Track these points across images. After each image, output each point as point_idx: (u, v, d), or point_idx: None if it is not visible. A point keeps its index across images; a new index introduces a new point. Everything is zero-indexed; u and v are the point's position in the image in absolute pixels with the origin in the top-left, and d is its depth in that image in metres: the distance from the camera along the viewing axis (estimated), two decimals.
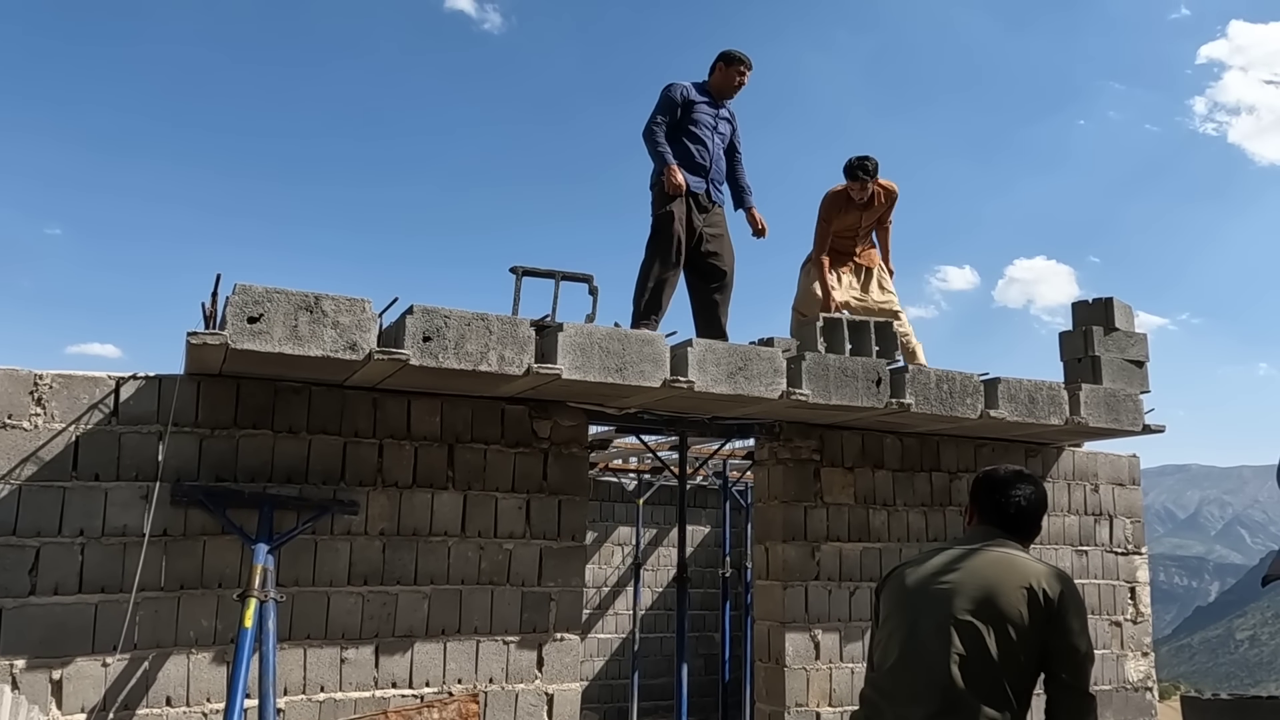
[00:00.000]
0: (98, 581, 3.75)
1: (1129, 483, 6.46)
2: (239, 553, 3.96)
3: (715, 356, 4.33)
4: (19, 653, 3.60)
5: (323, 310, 3.65)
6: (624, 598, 9.94)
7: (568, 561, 4.62)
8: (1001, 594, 2.42)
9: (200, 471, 3.97)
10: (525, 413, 4.62)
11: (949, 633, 2.41)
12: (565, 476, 4.68)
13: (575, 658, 4.57)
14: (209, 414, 4.03)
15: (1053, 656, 2.42)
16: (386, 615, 4.21)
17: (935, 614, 2.46)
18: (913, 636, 2.49)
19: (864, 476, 5.47)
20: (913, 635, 2.49)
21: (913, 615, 2.52)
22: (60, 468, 3.76)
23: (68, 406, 3.81)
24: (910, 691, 2.44)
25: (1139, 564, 6.39)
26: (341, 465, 4.23)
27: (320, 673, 4.07)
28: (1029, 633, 2.39)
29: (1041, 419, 5.23)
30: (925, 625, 2.47)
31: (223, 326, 3.54)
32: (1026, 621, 2.39)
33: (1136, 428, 5.64)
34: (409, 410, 4.39)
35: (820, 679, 5.15)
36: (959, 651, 2.39)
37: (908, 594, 2.56)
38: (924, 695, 2.41)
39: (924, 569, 2.58)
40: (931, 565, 2.57)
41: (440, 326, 3.81)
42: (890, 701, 2.50)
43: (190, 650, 3.86)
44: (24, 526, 3.68)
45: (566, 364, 3.98)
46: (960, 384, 5.01)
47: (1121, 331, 6.13)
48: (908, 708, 2.43)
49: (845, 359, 4.69)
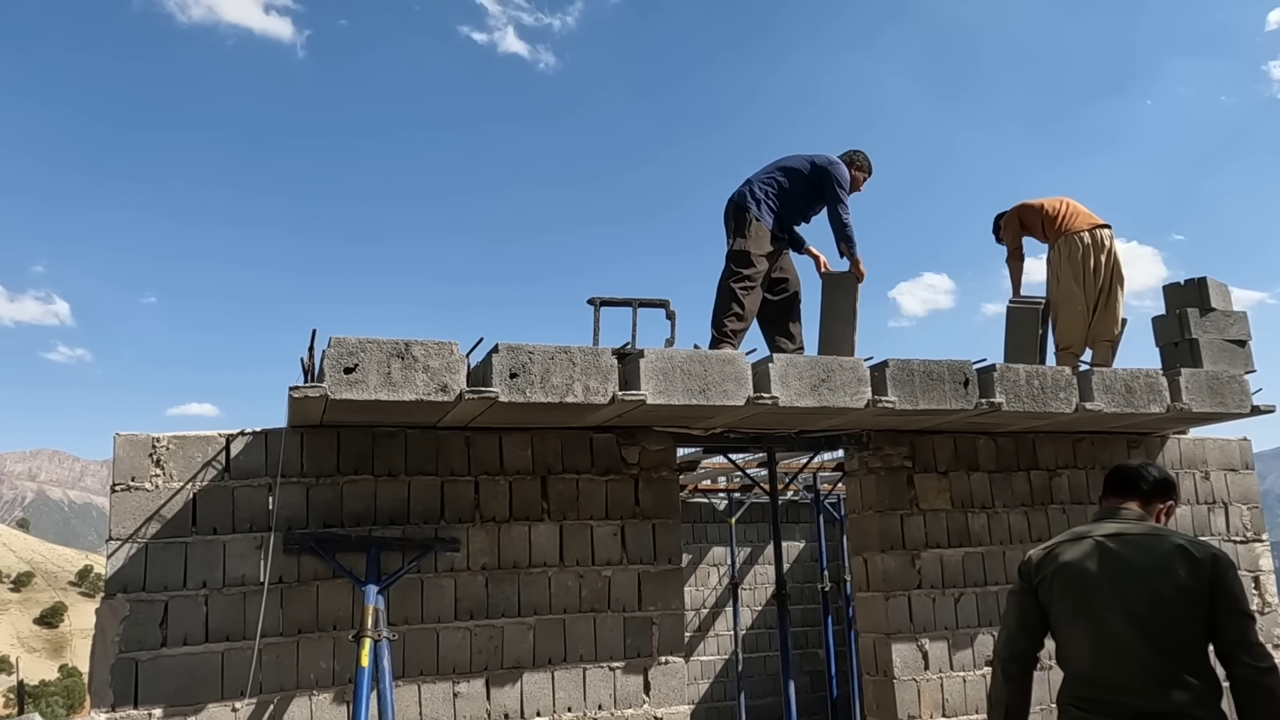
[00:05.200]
0: (222, 630, 3.93)
1: (1242, 467, 6.19)
2: (350, 595, 4.10)
3: (797, 370, 4.34)
4: (155, 703, 3.79)
5: (413, 356, 3.79)
6: (723, 618, 9.90)
7: (666, 585, 4.66)
8: (1165, 567, 2.53)
9: (309, 519, 4.14)
10: (613, 440, 4.69)
11: (1136, 615, 2.51)
12: (657, 500, 4.73)
13: (681, 681, 4.59)
14: (313, 463, 4.20)
15: (1221, 619, 2.51)
16: (494, 648, 4.31)
17: (1115, 600, 2.56)
18: (1100, 629, 2.57)
19: (959, 480, 5.37)
20: (1100, 627, 2.57)
21: (1090, 607, 2.60)
22: (181, 524, 3.97)
23: (184, 466, 4.02)
24: (1121, 683, 2.52)
25: (1261, 551, 6.10)
26: (440, 504, 4.36)
27: (435, 707, 4.17)
28: (1197, 599, 2.50)
29: (1140, 408, 5.06)
30: (1110, 615, 2.55)
31: (321, 379, 3.70)
32: (1193, 588, 2.49)
33: (1244, 409, 5.41)
34: (501, 446, 4.50)
35: (931, 689, 5.06)
36: (1152, 632, 2.49)
37: (1076, 585, 2.64)
38: (1136, 684, 2.50)
39: (1077, 561, 2.67)
40: (1086, 558, 2.66)
41: (525, 362, 3.91)
42: (1105, 696, 2.56)
43: (312, 692, 4.01)
44: (152, 582, 3.89)
45: (650, 389, 4.03)
46: (1051, 379, 4.89)
47: (1219, 311, 5.92)
48: (1127, 699, 2.51)
49: (930, 362, 4.64)
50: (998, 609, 5.30)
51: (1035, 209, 5.93)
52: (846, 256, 5.43)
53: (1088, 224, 5.72)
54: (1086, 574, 2.63)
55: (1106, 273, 5.65)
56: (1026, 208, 5.98)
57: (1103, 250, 5.67)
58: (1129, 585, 2.55)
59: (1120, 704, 2.52)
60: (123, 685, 3.76)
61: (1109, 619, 2.56)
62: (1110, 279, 5.66)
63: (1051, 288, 5.79)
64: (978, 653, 5.20)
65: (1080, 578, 2.64)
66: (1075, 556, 2.68)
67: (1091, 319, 5.67)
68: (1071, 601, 2.65)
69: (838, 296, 5.45)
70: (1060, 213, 5.79)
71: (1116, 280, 5.68)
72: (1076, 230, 5.69)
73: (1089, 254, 5.64)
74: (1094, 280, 5.64)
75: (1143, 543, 2.62)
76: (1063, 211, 5.80)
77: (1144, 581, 2.54)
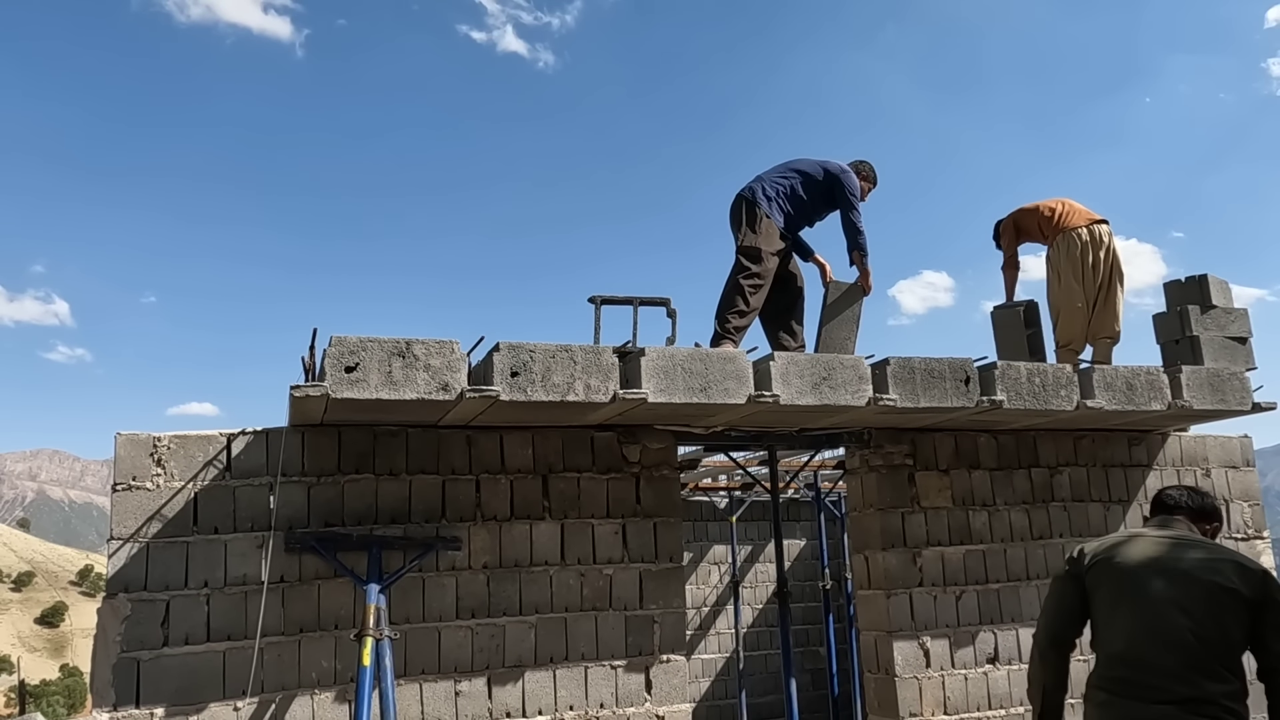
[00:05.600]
0: (224, 630, 3.93)
1: (1243, 465, 6.19)
2: (352, 594, 4.10)
3: (798, 369, 4.33)
4: (157, 702, 3.79)
5: (414, 355, 3.79)
6: (724, 617, 9.90)
7: (667, 583, 4.66)
8: (1218, 570, 2.65)
9: (310, 518, 4.14)
10: (614, 439, 4.69)
11: (1186, 608, 2.61)
12: (658, 499, 4.73)
13: (683, 679, 4.59)
14: (314, 463, 4.20)
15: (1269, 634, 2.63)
16: (495, 646, 4.31)
17: (1167, 590, 2.66)
18: (1148, 614, 2.67)
19: (960, 478, 5.37)
20: (1147, 613, 2.67)
21: (1139, 593, 2.70)
22: (182, 523, 3.97)
23: (185, 465, 4.02)
24: (1161, 666, 2.61)
25: (1262, 549, 6.10)
26: (442, 503, 4.36)
27: (436, 706, 4.18)
28: (1245, 605, 2.62)
29: (1142, 405, 5.06)
30: (1160, 603, 2.65)
31: (322, 378, 3.69)
32: (1243, 595, 2.61)
33: (1245, 407, 5.41)
34: (502, 445, 4.50)
35: (933, 687, 5.06)
36: (1199, 624, 2.59)
37: (1127, 573, 2.75)
38: (1176, 668, 2.59)
39: (1130, 553, 2.79)
40: (1139, 549, 2.80)
41: (526, 361, 3.91)
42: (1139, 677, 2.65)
43: (313, 691, 4.01)
44: (153, 581, 3.88)
45: (651, 387, 4.03)
46: (1053, 377, 4.89)
47: (1220, 308, 5.91)
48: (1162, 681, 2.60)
49: (931, 360, 4.64)
50: (999, 606, 5.30)
51: (1031, 211, 5.94)
52: (857, 266, 5.38)
53: (1086, 220, 5.73)
54: (1140, 564, 2.75)
55: (1106, 269, 5.66)
56: (1023, 211, 6.00)
57: (1101, 246, 5.67)
58: (1181, 578, 2.66)
59: (1154, 686, 2.61)
60: (124, 685, 3.76)
61: (1159, 606, 2.65)
62: (1110, 275, 5.67)
63: (1052, 285, 5.80)
64: (979, 650, 5.20)
65: (1132, 567, 2.75)
66: (1129, 549, 2.81)
67: (1091, 315, 5.67)
68: (1118, 587, 2.76)
69: (841, 303, 5.44)
70: (1057, 211, 5.81)
71: (1116, 276, 5.68)
72: (1075, 227, 5.70)
73: (1087, 250, 5.65)
74: (1093, 276, 5.64)
75: (1199, 544, 2.78)
76: (1060, 210, 5.81)
77: (1196, 578, 2.65)
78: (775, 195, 5.31)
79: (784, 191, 5.33)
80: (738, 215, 5.35)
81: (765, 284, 5.17)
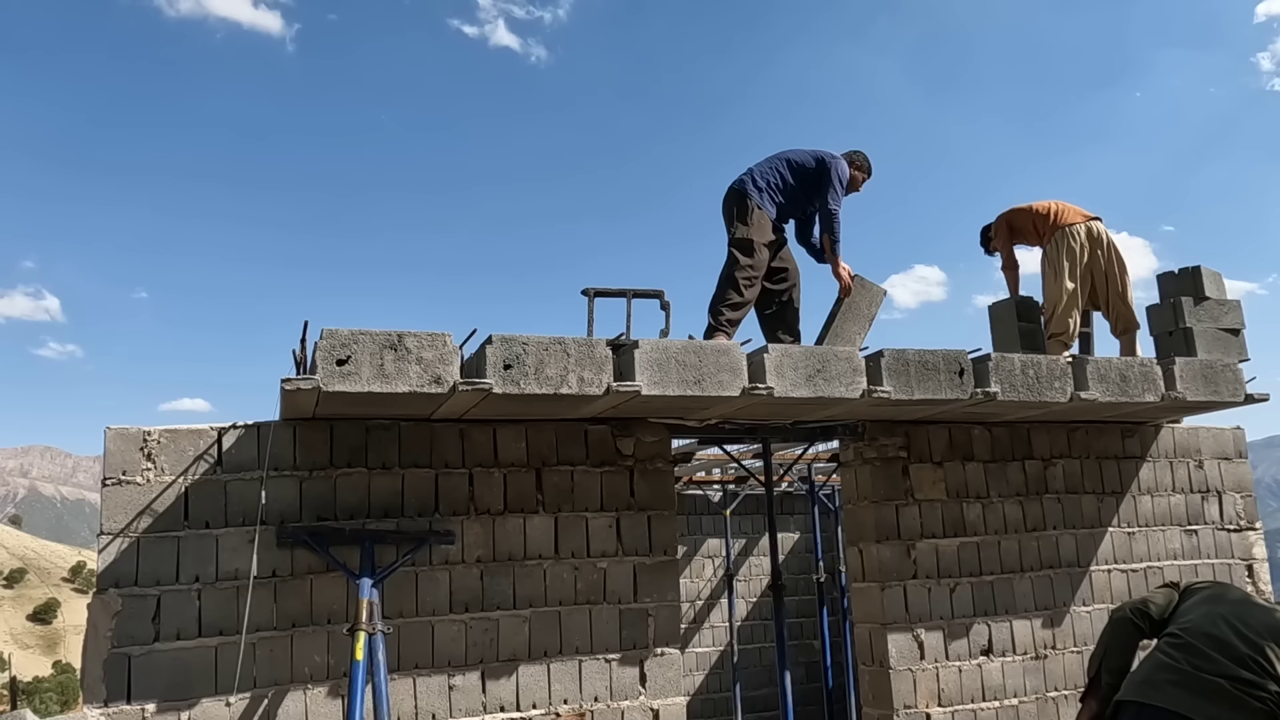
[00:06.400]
0: (216, 625, 3.91)
1: (1235, 456, 6.21)
2: (345, 589, 4.08)
3: (792, 361, 4.32)
4: (148, 698, 3.77)
5: (406, 347, 3.76)
6: (718, 610, 9.91)
7: (662, 576, 4.64)
8: None
9: (302, 512, 4.12)
10: (608, 432, 4.67)
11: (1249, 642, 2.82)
12: (652, 492, 4.71)
13: (677, 672, 4.58)
14: (306, 456, 4.17)
15: None
16: (489, 641, 4.29)
17: (1239, 625, 2.88)
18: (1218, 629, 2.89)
19: (954, 471, 5.37)
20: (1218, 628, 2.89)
21: (1220, 617, 2.93)
22: (173, 518, 3.94)
23: (175, 459, 3.99)
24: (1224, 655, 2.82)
25: (1254, 540, 6.12)
26: (435, 497, 4.34)
27: (430, 700, 4.16)
28: None
29: (1135, 397, 5.07)
30: (1234, 625, 2.88)
31: (313, 371, 3.67)
32: None
33: (1238, 398, 5.42)
34: (495, 438, 4.48)
35: (927, 679, 5.06)
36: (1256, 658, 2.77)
37: (1216, 606, 3.01)
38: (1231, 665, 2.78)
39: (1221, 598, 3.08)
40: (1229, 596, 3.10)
41: (519, 353, 3.89)
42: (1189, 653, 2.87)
43: (306, 686, 3.99)
44: (144, 576, 3.86)
45: (645, 380, 4.01)
46: (1047, 368, 4.89)
47: (1213, 300, 5.93)
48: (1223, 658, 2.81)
49: (925, 352, 4.63)
50: (993, 598, 5.31)
51: (1024, 211, 5.99)
52: (827, 251, 5.38)
53: (1082, 218, 5.79)
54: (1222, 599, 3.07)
55: (1110, 265, 5.75)
56: (1015, 212, 6.04)
57: (1100, 244, 5.75)
58: (1257, 614, 2.92)
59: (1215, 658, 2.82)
60: (115, 680, 3.74)
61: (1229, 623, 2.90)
62: (1117, 271, 5.76)
63: (1048, 279, 5.81)
64: (973, 643, 5.21)
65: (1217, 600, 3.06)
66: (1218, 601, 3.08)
67: (1110, 312, 5.80)
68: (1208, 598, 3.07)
69: (860, 301, 5.42)
70: (1051, 210, 5.88)
71: (1122, 270, 5.77)
72: (1072, 223, 5.75)
73: (1085, 248, 5.73)
74: (1099, 269, 5.73)
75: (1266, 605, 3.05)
76: (1053, 209, 5.88)
77: (1268, 615, 2.91)
78: (766, 186, 5.29)
79: (775, 182, 5.31)
80: (729, 208, 5.33)
81: (758, 275, 5.16)
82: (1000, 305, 6.09)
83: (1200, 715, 2.72)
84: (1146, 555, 5.77)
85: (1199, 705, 2.74)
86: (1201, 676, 2.79)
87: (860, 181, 5.63)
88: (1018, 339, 5.82)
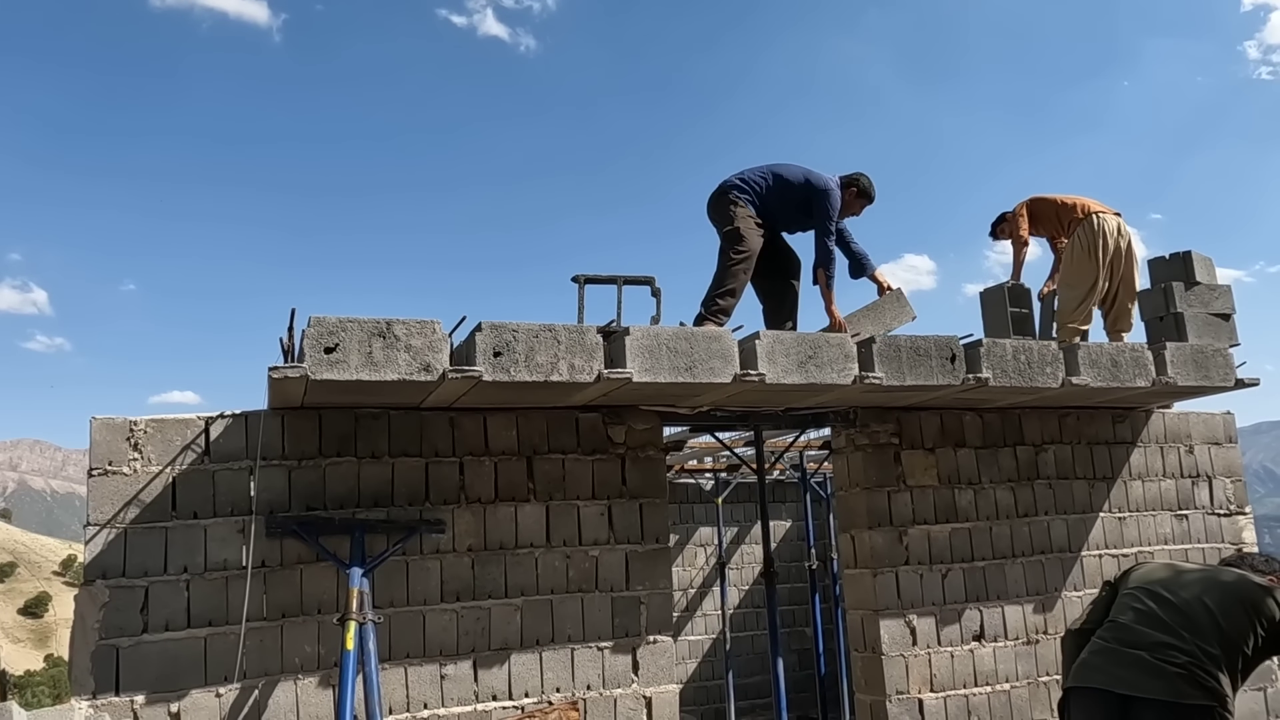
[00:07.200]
0: (205, 616, 3.88)
1: (1225, 441, 6.22)
2: (335, 578, 4.06)
3: (784, 347, 4.30)
4: (138, 689, 3.74)
5: (395, 335, 3.73)
6: (711, 598, 9.92)
7: (654, 564, 4.63)
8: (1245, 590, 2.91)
9: (291, 502, 4.09)
10: (599, 420, 4.65)
11: (1174, 609, 2.91)
12: (644, 480, 4.70)
13: (670, 660, 4.57)
14: (295, 446, 4.14)
15: None
16: (481, 630, 4.28)
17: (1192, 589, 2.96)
18: (1142, 603, 2.99)
19: (946, 457, 5.36)
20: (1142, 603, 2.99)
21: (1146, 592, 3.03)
22: (161, 509, 3.91)
23: (163, 450, 3.96)
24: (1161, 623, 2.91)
25: (1244, 524, 6.14)
26: (425, 486, 4.31)
27: (422, 690, 4.14)
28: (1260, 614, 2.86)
29: (1126, 382, 5.07)
30: (1162, 595, 2.97)
31: (301, 359, 3.63)
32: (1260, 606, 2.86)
33: (1229, 383, 5.43)
34: (485, 426, 4.45)
35: (920, 665, 5.07)
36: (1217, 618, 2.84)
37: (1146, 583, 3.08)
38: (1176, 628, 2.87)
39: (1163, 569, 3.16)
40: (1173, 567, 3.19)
41: (510, 341, 3.86)
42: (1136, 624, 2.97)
43: (296, 676, 3.97)
44: (132, 568, 3.82)
45: (636, 367, 3.99)
46: (1038, 353, 4.89)
47: (1204, 285, 5.93)
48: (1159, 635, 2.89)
49: (916, 338, 4.61)
50: (985, 584, 5.32)
51: (1048, 201, 6.03)
52: (820, 285, 5.20)
53: (1110, 212, 5.84)
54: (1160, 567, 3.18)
55: (1128, 266, 5.77)
56: (1037, 200, 6.09)
57: (1125, 239, 5.81)
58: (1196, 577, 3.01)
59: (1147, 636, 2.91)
60: (104, 672, 3.71)
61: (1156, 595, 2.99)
62: (1134, 273, 5.80)
63: (1068, 262, 5.78)
64: (965, 628, 5.21)
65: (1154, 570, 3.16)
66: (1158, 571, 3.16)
67: (1112, 306, 5.78)
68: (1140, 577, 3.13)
69: (888, 310, 5.37)
70: (1076, 201, 5.94)
71: (1137, 273, 5.81)
72: (1103, 213, 5.76)
73: (1111, 238, 5.73)
74: (1119, 264, 5.72)
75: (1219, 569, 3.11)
76: (1079, 201, 5.93)
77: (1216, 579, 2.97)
78: (749, 190, 5.25)
79: (758, 189, 5.25)
80: (712, 209, 5.30)
81: (750, 258, 5.10)
82: (992, 290, 6.07)
83: (1122, 687, 2.85)
84: (1137, 540, 5.79)
85: (1121, 677, 2.88)
86: (1123, 651, 2.92)
87: (860, 208, 5.47)
88: (1009, 324, 5.81)
